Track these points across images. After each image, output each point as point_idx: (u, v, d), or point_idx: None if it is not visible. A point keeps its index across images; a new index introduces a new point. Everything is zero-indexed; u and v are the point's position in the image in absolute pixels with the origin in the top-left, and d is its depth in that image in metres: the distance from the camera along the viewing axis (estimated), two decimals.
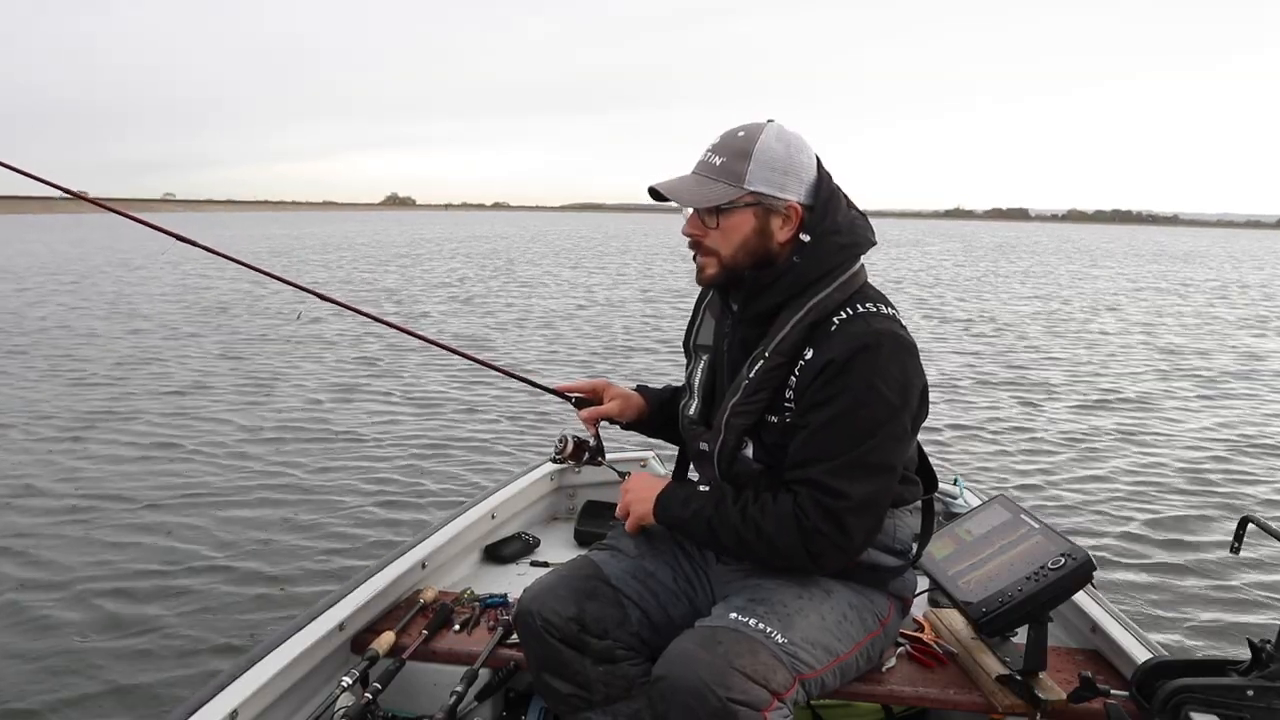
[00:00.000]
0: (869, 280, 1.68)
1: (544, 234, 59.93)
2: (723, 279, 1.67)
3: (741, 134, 1.61)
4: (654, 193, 1.65)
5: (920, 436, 1.77)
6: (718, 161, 1.61)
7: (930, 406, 1.67)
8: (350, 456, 5.77)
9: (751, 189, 1.59)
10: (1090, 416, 7.41)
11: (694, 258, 1.69)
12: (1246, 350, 11.58)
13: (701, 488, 1.70)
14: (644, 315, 13.90)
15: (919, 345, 1.63)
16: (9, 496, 4.90)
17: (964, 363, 9.93)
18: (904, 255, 36.02)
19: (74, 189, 2.27)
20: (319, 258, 27.64)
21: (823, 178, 1.65)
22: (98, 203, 2.39)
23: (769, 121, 1.63)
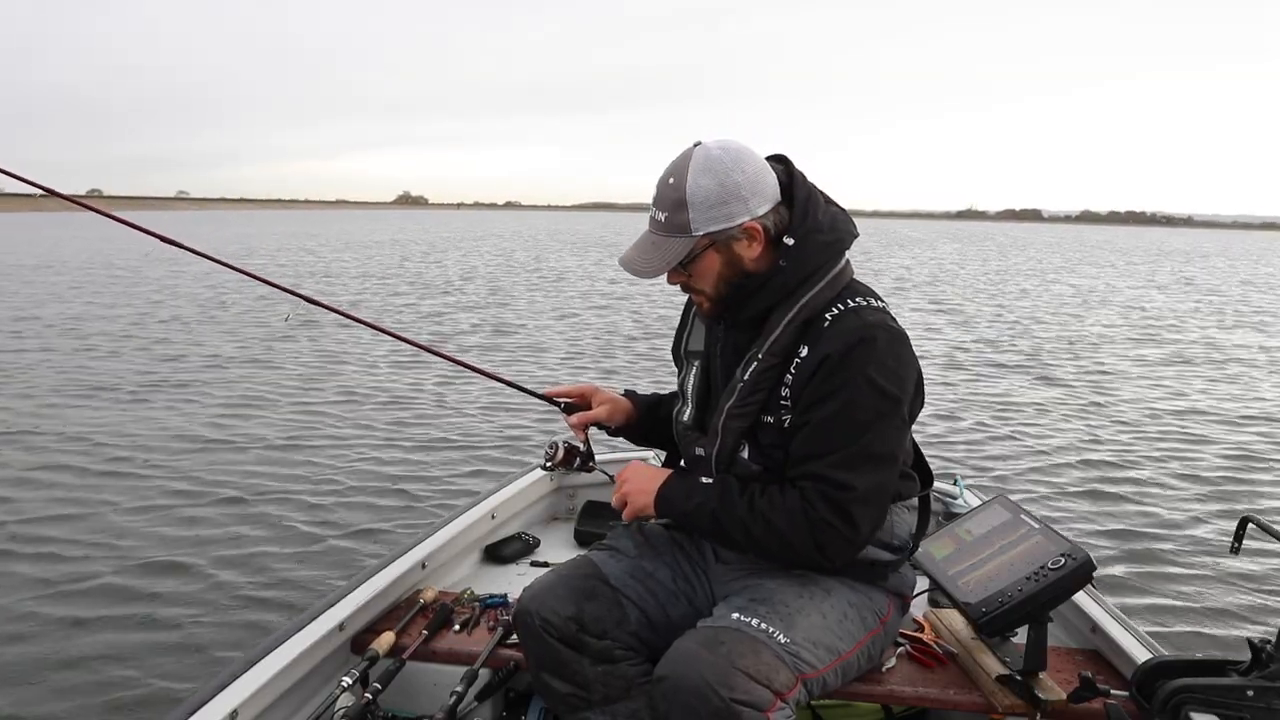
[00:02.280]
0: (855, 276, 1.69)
1: (558, 232, 60.29)
2: (721, 309, 1.69)
3: (672, 181, 1.59)
4: None
5: (918, 434, 1.77)
6: (663, 218, 1.61)
7: (927, 405, 1.67)
8: (339, 459, 5.76)
9: (700, 233, 1.58)
10: (1091, 416, 7.41)
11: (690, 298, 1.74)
12: (1252, 347, 11.59)
13: (704, 480, 1.69)
14: (663, 312, 14.01)
15: (917, 343, 1.64)
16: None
17: (964, 361, 9.93)
18: (914, 254, 36.10)
19: (62, 190, 2.21)
20: (346, 255, 27.96)
21: (797, 178, 1.64)
22: (74, 200, 2.33)
23: (696, 146, 1.60)
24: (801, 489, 1.57)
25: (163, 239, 2.12)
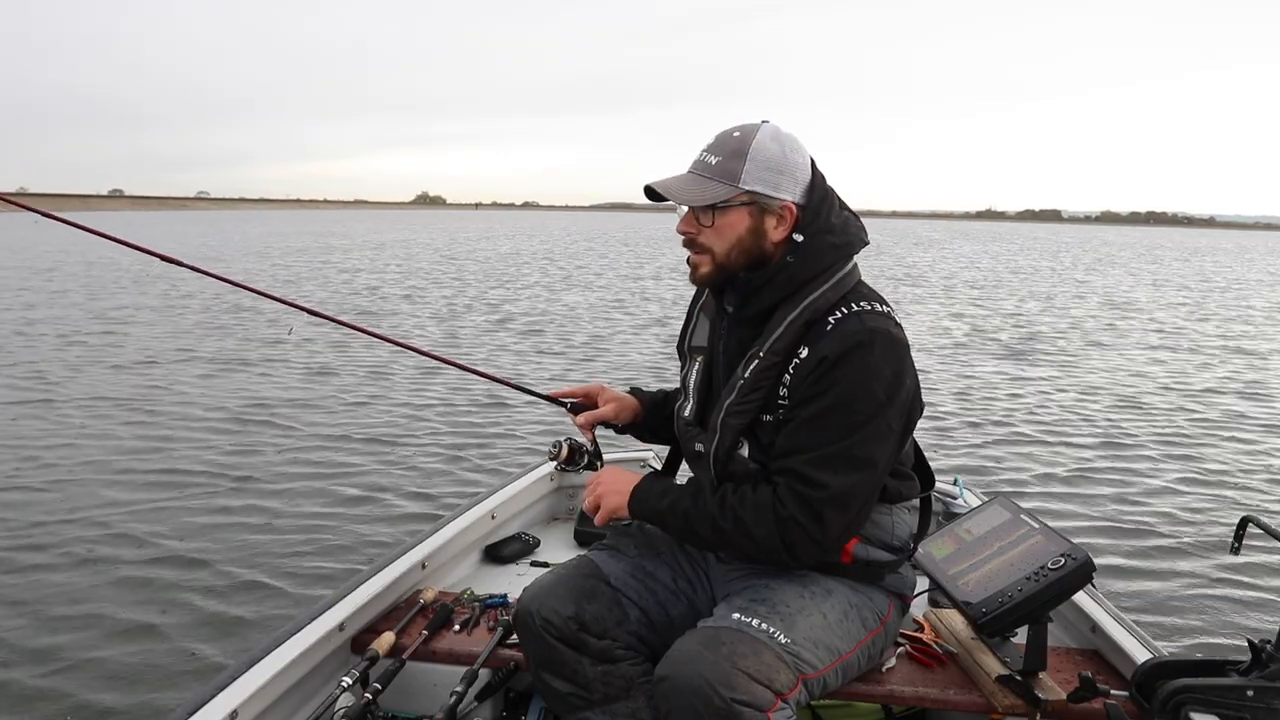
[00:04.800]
0: (862, 279, 1.69)
1: (577, 232, 60.65)
2: (716, 278, 1.68)
3: (737, 134, 1.62)
4: (650, 192, 1.65)
5: (919, 435, 1.77)
6: (713, 160, 1.62)
7: (928, 405, 1.67)
8: (345, 461, 5.76)
9: (747, 188, 1.59)
10: (1091, 416, 7.41)
11: (688, 259, 1.70)
12: (1253, 348, 11.59)
13: (678, 481, 1.70)
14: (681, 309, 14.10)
15: (923, 342, 1.64)
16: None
17: (966, 360, 9.92)
18: (929, 254, 36.14)
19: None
20: (369, 252, 28.15)
21: (816, 179, 1.66)
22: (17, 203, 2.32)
23: (764, 122, 1.64)
24: (775, 485, 1.58)
25: (164, 258, 2.12)
